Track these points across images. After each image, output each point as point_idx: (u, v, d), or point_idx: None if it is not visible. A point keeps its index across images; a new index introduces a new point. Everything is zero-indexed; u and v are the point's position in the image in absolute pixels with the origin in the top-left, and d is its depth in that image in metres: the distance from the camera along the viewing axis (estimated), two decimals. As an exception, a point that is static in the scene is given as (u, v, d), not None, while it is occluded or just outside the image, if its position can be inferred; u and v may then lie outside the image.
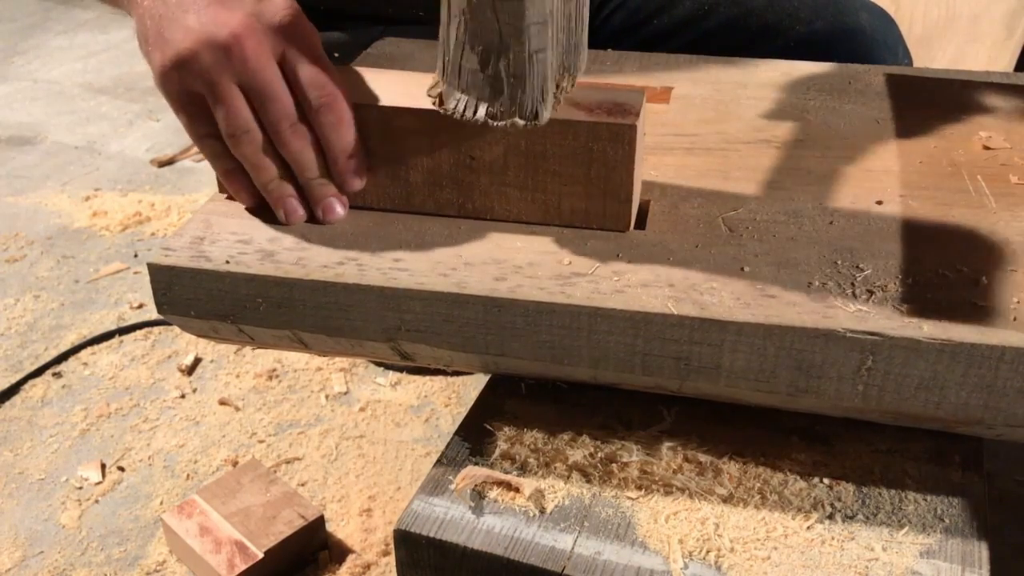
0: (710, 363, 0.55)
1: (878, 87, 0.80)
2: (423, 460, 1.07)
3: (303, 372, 1.21)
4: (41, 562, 0.95)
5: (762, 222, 0.62)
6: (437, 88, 0.58)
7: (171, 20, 0.59)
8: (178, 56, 0.58)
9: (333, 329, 0.59)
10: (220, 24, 0.58)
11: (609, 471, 0.58)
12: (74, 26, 2.53)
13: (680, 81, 0.81)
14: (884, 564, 0.51)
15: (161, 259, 0.60)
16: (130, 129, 1.93)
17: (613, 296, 0.55)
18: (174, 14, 0.59)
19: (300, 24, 0.60)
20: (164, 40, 0.59)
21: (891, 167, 0.68)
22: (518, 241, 0.61)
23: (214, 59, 0.58)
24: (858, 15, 0.94)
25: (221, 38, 0.58)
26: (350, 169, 0.62)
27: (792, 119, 0.75)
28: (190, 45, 0.58)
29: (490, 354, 0.58)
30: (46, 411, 1.16)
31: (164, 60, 0.59)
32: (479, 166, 0.61)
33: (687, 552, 0.52)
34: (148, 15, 0.60)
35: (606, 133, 0.58)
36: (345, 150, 0.61)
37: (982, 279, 0.55)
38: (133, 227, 1.55)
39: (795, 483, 0.56)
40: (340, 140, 0.61)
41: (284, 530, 0.91)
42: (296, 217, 0.63)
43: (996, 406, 0.52)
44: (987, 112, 0.76)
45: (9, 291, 1.39)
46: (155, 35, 0.60)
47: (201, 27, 0.58)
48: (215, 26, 0.58)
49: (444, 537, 0.54)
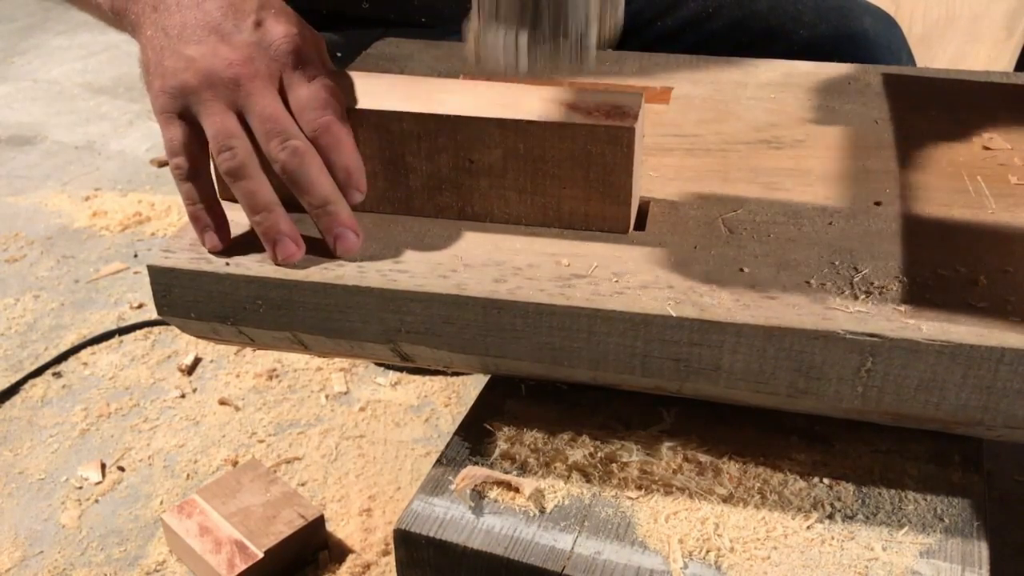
0: (710, 364, 0.55)
1: (878, 87, 0.80)
2: (423, 460, 1.07)
3: (303, 372, 1.21)
4: (41, 562, 0.95)
5: (761, 223, 0.62)
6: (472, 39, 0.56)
7: (172, 51, 0.59)
8: (177, 85, 0.59)
9: (333, 331, 0.59)
10: (220, 56, 0.58)
11: (609, 471, 0.58)
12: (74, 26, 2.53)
13: (680, 81, 0.81)
14: (884, 564, 0.51)
15: (161, 261, 0.60)
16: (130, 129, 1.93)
17: (613, 298, 0.55)
18: (175, 46, 0.59)
19: (301, 49, 0.60)
20: (164, 69, 0.59)
21: (891, 167, 0.68)
22: (518, 243, 0.61)
23: (212, 89, 0.58)
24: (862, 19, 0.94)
25: (219, 70, 0.58)
26: (350, 186, 0.60)
27: (792, 119, 0.75)
28: (189, 77, 0.58)
29: (490, 355, 0.58)
30: (46, 411, 1.16)
31: (163, 86, 0.59)
32: (478, 169, 0.61)
33: (687, 552, 0.53)
34: (150, 46, 0.61)
35: (605, 135, 0.58)
36: (345, 168, 0.60)
37: (981, 280, 0.55)
38: (133, 227, 1.55)
39: (795, 483, 0.57)
40: (340, 159, 0.59)
41: (284, 530, 0.91)
42: (287, 254, 0.59)
43: (995, 407, 0.52)
44: (987, 112, 0.76)
45: (9, 291, 1.39)
46: (155, 65, 0.60)
47: (201, 58, 0.58)
48: (214, 57, 0.58)
49: (444, 537, 0.54)
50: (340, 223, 0.59)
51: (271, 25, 0.60)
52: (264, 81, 0.59)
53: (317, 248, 0.60)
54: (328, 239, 0.60)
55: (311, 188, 0.59)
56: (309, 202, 0.59)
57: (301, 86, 0.59)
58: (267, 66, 0.59)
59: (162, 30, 0.60)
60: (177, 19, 0.60)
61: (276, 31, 0.60)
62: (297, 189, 0.59)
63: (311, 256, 0.60)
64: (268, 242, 0.59)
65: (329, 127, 0.59)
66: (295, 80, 0.59)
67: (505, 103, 0.60)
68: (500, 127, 0.59)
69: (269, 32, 0.60)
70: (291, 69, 0.59)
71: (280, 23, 0.60)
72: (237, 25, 0.60)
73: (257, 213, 0.59)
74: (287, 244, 0.59)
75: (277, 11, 0.61)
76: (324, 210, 0.59)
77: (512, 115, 0.59)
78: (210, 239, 0.61)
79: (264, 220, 0.59)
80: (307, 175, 0.58)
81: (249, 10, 0.61)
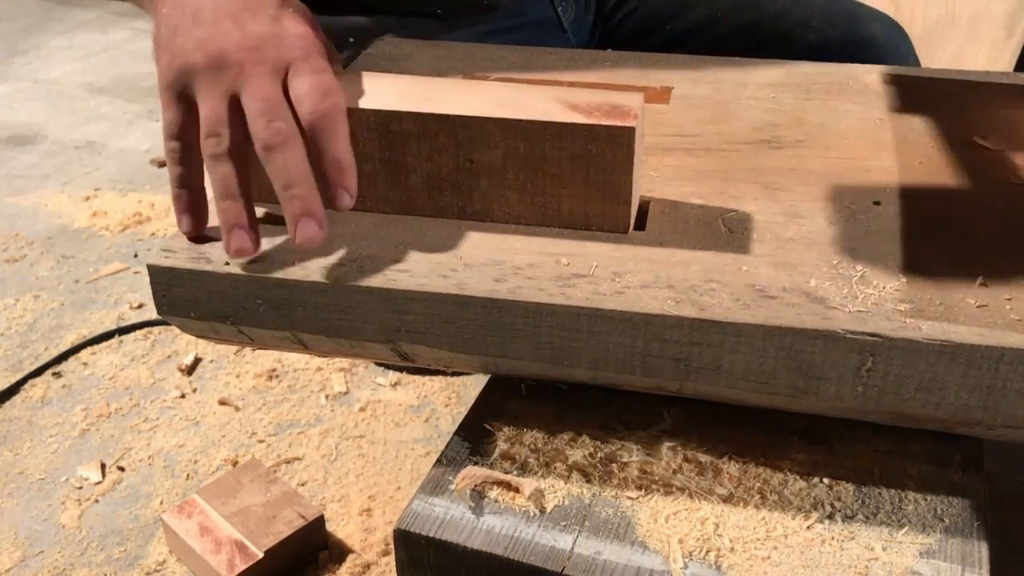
0: (710, 364, 0.55)
1: (878, 87, 0.80)
2: (423, 460, 1.07)
3: (303, 372, 1.21)
4: (41, 562, 0.95)
5: (762, 222, 0.62)
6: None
7: (184, 30, 0.60)
8: (184, 63, 0.59)
9: (333, 330, 0.59)
10: (230, 40, 0.59)
11: (609, 471, 0.58)
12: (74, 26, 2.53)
13: (680, 81, 0.81)
14: (884, 564, 0.51)
15: (161, 260, 0.60)
16: (130, 129, 1.93)
17: (613, 297, 0.55)
18: (189, 25, 0.60)
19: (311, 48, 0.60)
20: (174, 46, 0.60)
21: (890, 167, 0.68)
22: (518, 242, 0.61)
23: (215, 72, 0.58)
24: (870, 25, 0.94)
25: (228, 53, 0.58)
26: (340, 184, 0.58)
27: (792, 119, 0.75)
28: (197, 57, 0.58)
29: (490, 355, 0.58)
30: (46, 411, 1.16)
31: (170, 63, 0.60)
32: (478, 169, 0.61)
33: (687, 552, 0.53)
34: (164, 23, 0.61)
35: (604, 135, 0.58)
36: (336, 160, 0.58)
37: (981, 280, 0.55)
38: (133, 227, 1.55)
39: (795, 483, 0.57)
40: (332, 149, 0.58)
41: (284, 530, 0.91)
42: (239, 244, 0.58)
43: (996, 407, 0.52)
44: (987, 112, 0.76)
45: (9, 291, 1.39)
46: (167, 41, 0.60)
47: (211, 39, 0.59)
48: (225, 41, 0.58)
49: (444, 537, 0.54)
50: (305, 209, 0.57)
51: (287, 22, 0.61)
52: (268, 69, 0.59)
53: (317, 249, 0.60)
54: (289, 227, 0.57)
55: (285, 169, 0.56)
56: (279, 184, 0.57)
57: (304, 76, 0.59)
58: (275, 57, 0.59)
59: (179, 9, 0.61)
60: (197, 1, 0.60)
61: (291, 28, 0.60)
62: (271, 169, 0.57)
63: (311, 256, 0.60)
64: (225, 231, 0.58)
65: (328, 113, 0.57)
66: (300, 71, 0.59)
67: (505, 103, 0.60)
68: (500, 127, 0.59)
69: (284, 27, 0.60)
70: (298, 62, 0.59)
71: (297, 22, 0.61)
72: (255, 15, 0.60)
73: (224, 200, 0.58)
74: (242, 235, 0.58)
75: (295, 11, 0.62)
76: (291, 193, 0.57)
77: (512, 115, 0.59)
78: (186, 222, 0.62)
79: (229, 208, 0.58)
80: (284, 157, 0.56)
81: (270, 4, 0.61)
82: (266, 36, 0.59)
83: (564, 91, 0.62)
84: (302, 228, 0.57)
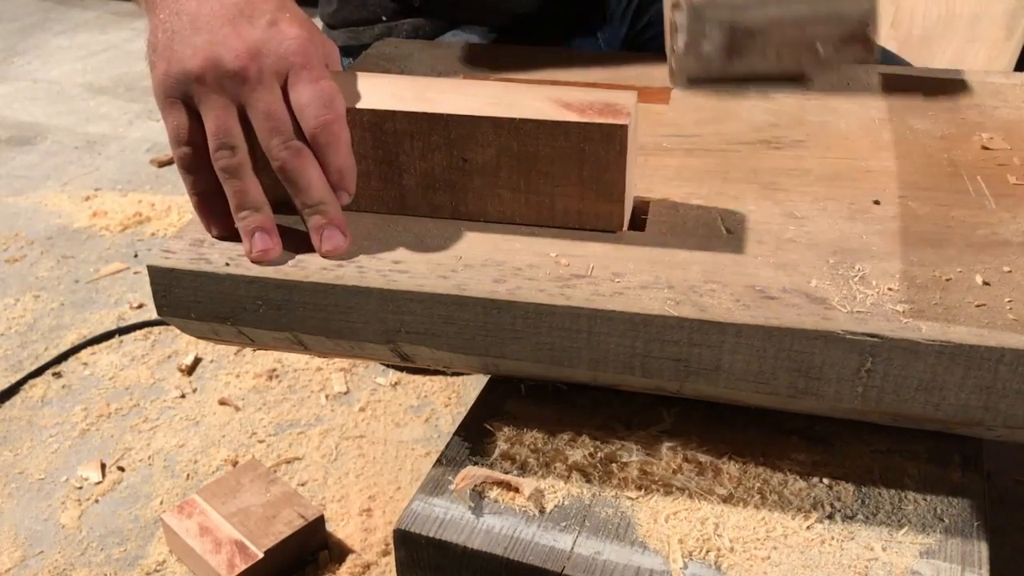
0: (710, 365, 0.55)
1: (877, 87, 0.80)
2: (423, 460, 1.07)
3: (303, 372, 1.21)
4: (41, 562, 0.95)
5: (761, 223, 0.62)
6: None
7: (182, 37, 0.60)
8: (182, 70, 0.59)
9: (333, 331, 0.59)
10: (228, 47, 0.59)
11: (609, 471, 0.58)
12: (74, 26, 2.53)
13: (680, 81, 0.81)
14: (884, 564, 0.51)
15: (161, 261, 0.60)
16: (130, 129, 1.93)
17: (613, 298, 0.55)
18: (186, 31, 0.60)
19: (309, 52, 0.60)
20: (172, 52, 0.60)
21: (890, 167, 0.68)
22: (517, 243, 0.61)
23: (215, 80, 0.58)
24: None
25: (226, 60, 0.58)
26: (340, 187, 0.61)
27: (792, 119, 0.75)
28: (195, 64, 0.58)
29: (490, 356, 0.58)
30: (46, 411, 1.16)
31: (168, 69, 0.60)
32: (472, 168, 0.61)
33: (687, 552, 0.53)
34: (162, 28, 0.61)
35: (597, 133, 0.58)
36: (339, 168, 0.60)
37: (981, 280, 0.55)
38: (133, 227, 1.55)
39: (795, 483, 0.57)
40: (335, 160, 0.60)
41: (284, 530, 0.91)
42: (260, 250, 0.59)
43: (995, 407, 0.52)
44: (986, 112, 0.76)
45: (9, 291, 1.39)
46: (164, 46, 0.60)
47: (209, 46, 0.59)
48: (223, 47, 0.58)
49: (444, 537, 0.54)
50: (330, 222, 0.60)
51: (285, 27, 0.60)
52: (268, 77, 0.59)
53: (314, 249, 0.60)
54: (315, 237, 0.60)
55: (308, 188, 0.60)
56: (303, 201, 0.60)
57: (305, 85, 0.59)
58: (273, 63, 0.59)
59: (176, 14, 0.61)
60: (194, 6, 0.61)
61: (289, 32, 0.60)
62: (293, 188, 0.60)
63: (311, 258, 0.60)
64: (247, 235, 0.60)
65: (329, 126, 0.59)
66: (300, 79, 0.59)
67: (498, 102, 0.60)
68: (493, 126, 0.59)
69: (282, 31, 0.60)
70: (297, 69, 0.60)
71: (294, 26, 0.61)
72: (252, 20, 0.60)
73: (241, 210, 0.60)
74: (264, 238, 0.60)
75: (293, 15, 0.62)
76: (316, 209, 0.60)
77: (505, 114, 0.59)
78: (216, 225, 0.62)
79: (247, 216, 0.60)
80: (305, 175, 0.59)
81: (267, 9, 0.61)
82: (264, 42, 0.59)
83: (557, 90, 0.62)
84: (327, 239, 0.60)
